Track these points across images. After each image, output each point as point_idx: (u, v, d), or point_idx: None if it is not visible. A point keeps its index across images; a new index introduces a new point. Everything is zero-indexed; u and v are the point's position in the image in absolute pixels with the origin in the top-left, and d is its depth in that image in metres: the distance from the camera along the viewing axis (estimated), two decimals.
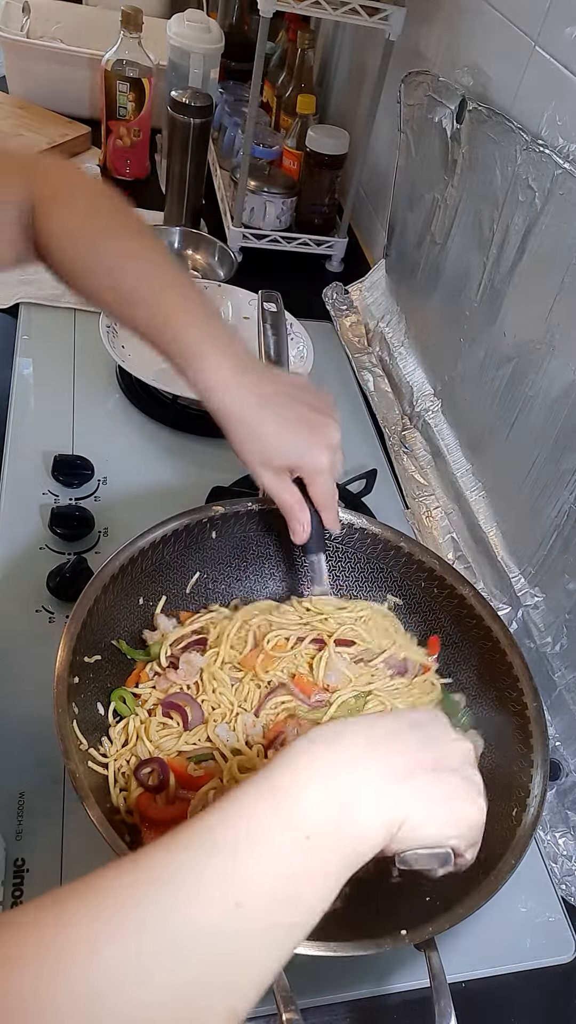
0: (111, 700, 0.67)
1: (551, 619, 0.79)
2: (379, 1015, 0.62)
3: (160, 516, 0.73)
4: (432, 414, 1.06)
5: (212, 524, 0.76)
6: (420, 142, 1.08)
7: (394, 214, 1.20)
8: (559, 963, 0.67)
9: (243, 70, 1.56)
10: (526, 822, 0.61)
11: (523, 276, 0.84)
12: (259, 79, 1.16)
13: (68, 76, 1.50)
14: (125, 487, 0.93)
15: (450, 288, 1.01)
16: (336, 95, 1.61)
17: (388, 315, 1.22)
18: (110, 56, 1.35)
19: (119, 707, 0.67)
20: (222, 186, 1.44)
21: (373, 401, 1.16)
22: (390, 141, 1.21)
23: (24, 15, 1.54)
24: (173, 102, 1.22)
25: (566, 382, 0.75)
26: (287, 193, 1.34)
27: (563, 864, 0.73)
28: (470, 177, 0.95)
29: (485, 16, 0.95)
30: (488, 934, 0.66)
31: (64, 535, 0.85)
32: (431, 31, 1.12)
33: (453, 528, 0.97)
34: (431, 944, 0.54)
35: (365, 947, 0.55)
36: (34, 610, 0.79)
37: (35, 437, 0.95)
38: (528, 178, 0.81)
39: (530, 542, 0.82)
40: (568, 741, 0.75)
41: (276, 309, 0.84)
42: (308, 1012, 0.59)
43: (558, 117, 0.79)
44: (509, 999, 0.65)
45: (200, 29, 1.36)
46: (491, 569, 0.89)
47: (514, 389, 0.85)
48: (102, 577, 0.67)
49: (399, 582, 0.79)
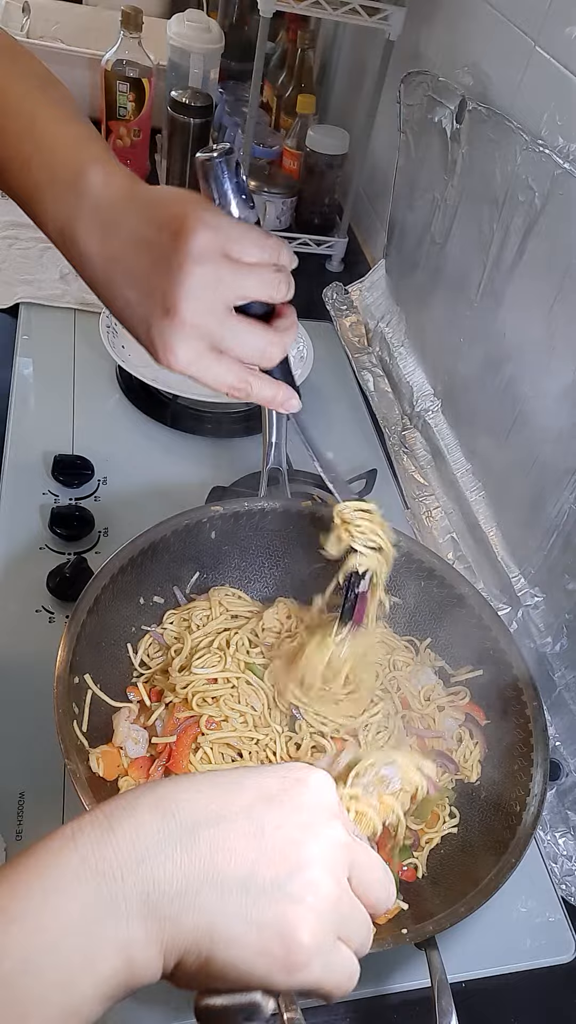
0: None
1: (551, 619, 0.79)
2: (379, 1015, 0.62)
3: (160, 516, 0.73)
4: (432, 414, 1.06)
5: (212, 524, 0.76)
6: (420, 142, 1.08)
7: (394, 214, 1.20)
8: (559, 963, 0.67)
9: (243, 70, 1.55)
10: (526, 822, 0.61)
11: (523, 276, 0.84)
12: (259, 79, 1.16)
13: (68, 76, 1.46)
14: (125, 487, 0.93)
15: (450, 288, 1.01)
16: (336, 95, 1.61)
17: (388, 315, 1.22)
18: (110, 56, 1.35)
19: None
20: None
21: (373, 401, 1.16)
22: (390, 141, 1.21)
23: (24, 15, 1.54)
24: (173, 102, 1.22)
25: (566, 382, 0.75)
26: (287, 193, 1.34)
27: (563, 864, 0.73)
28: (470, 177, 0.95)
29: (485, 16, 0.95)
30: (488, 934, 0.66)
31: (64, 535, 0.85)
32: (431, 31, 1.12)
33: (453, 528, 0.97)
34: (432, 943, 0.55)
35: None
36: (34, 610, 0.79)
37: (35, 437, 0.95)
38: (528, 178, 0.81)
39: (530, 542, 0.82)
40: (568, 741, 0.75)
41: None
42: (308, 1012, 0.59)
43: (558, 117, 0.79)
44: (509, 999, 0.65)
45: (200, 29, 1.36)
46: (491, 569, 0.89)
47: (514, 389, 0.85)
48: (102, 577, 0.67)
49: (399, 582, 0.79)
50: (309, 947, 0.36)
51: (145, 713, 0.68)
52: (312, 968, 0.36)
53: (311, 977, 0.36)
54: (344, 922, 0.38)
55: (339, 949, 0.38)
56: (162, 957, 0.35)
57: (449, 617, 0.76)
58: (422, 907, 0.61)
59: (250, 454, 0.94)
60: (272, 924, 0.36)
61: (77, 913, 0.34)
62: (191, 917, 0.35)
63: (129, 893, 0.34)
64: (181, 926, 0.35)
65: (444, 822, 0.68)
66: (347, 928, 0.39)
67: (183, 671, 0.69)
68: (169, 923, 0.35)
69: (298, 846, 0.37)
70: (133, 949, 0.34)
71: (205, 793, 0.38)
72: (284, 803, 0.39)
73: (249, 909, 0.36)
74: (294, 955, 0.36)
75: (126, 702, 0.68)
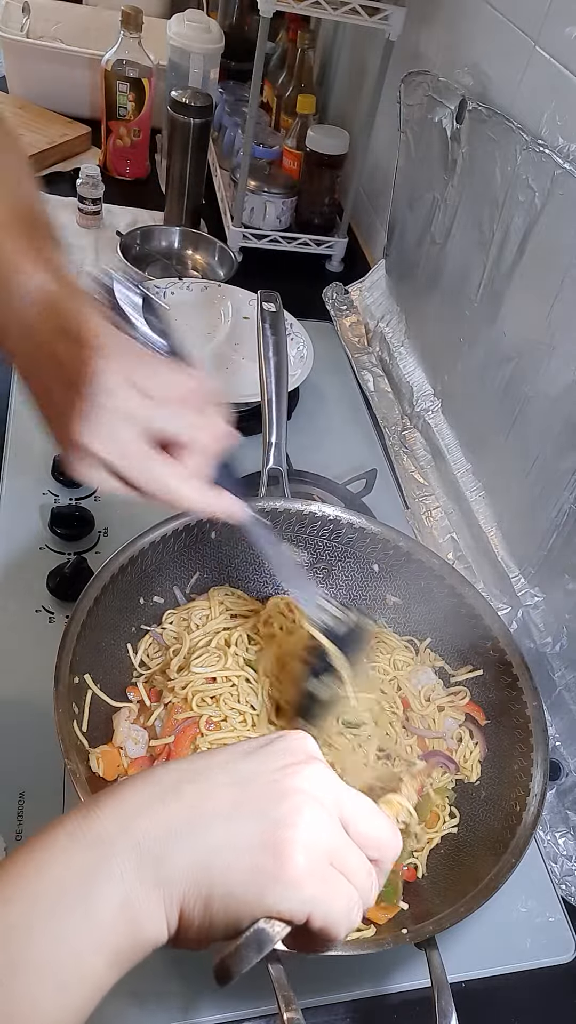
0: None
1: (551, 619, 0.79)
2: (379, 1015, 0.62)
3: (160, 516, 0.73)
4: (432, 414, 1.06)
5: (212, 524, 0.76)
6: (420, 142, 1.08)
7: (394, 214, 1.20)
8: (559, 963, 0.67)
9: (243, 70, 1.55)
10: (526, 822, 0.61)
11: (523, 276, 0.84)
12: (259, 79, 1.16)
13: (68, 76, 1.49)
14: None
15: (450, 288, 1.01)
16: (336, 95, 1.61)
17: (388, 315, 1.22)
18: (110, 56, 1.35)
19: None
20: (222, 186, 1.44)
21: (373, 401, 1.16)
22: (390, 141, 1.21)
23: (24, 15, 1.54)
24: (173, 102, 1.22)
25: (566, 382, 0.75)
26: (287, 193, 1.34)
27: (563, 864, 0.73)
28: (470, 177, 0.95)
29: (485, 16, 0.95)
30: (488, 934, 0.66)
31: (64, 535, 0.85)
32: (431, 31, 1.12)
33: (453, 528, 0.97)
34: (432, 943, 0.54)
35: (365, 947, 0.55)
36: (34, 610, 0.79)
37: (35, 437, 0.95)
38: (528, 178, 0.81)
39: (530, 542, 0.82)
40: (568, 741, 0.75)
41: (275, 309, 0.84)
42: (308, 1012, 0.59)
43: (558, 117, 0.79)
44: (509, 999, 0.65)
45: (200, 29, 1.36)
46: (491, 569, 0.89)
47: (514, 389, 0.85)
48: (102, 577, 0.67)
49: (399, 582, 0.79)
50: (300, 863, 0.37)
51: (145, 713, 0.68)
52: (306, 886, 0.37)
53: (306, 894, 0.37)
54: (338, 852, 0.39)
55: (335, 877, 0.38)
56: (163, 908, 0.36)
57: (449, 617, 0.76)
58: (422, 907, 0.61)
59: (250, 454, 0.94)
60: (262, 845, 0.37)
61: (70, 879, 0.35)
62: (183, 858, 0.36)
63: (120, 851, 0.36)
64: (175, 869, 0.36)
65: (444, 822, 0.68)
66: (341, 859, 0.39)
67: (182, 671, 0.69)
68: (164, 870, 0.36)
69: (279, 783, 0.39)
70: (133, 905, 0.35)
71: (184, 762, 0.40)
72: (262, 754, 0.40)
73: (238, 837, 0.37)
74: (286, 869, 0.36)
75: (126, 702, 0.68)
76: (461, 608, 0.75)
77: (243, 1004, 0.59)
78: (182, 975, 0.60)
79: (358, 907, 0.39)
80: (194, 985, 0.59)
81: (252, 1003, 0.59)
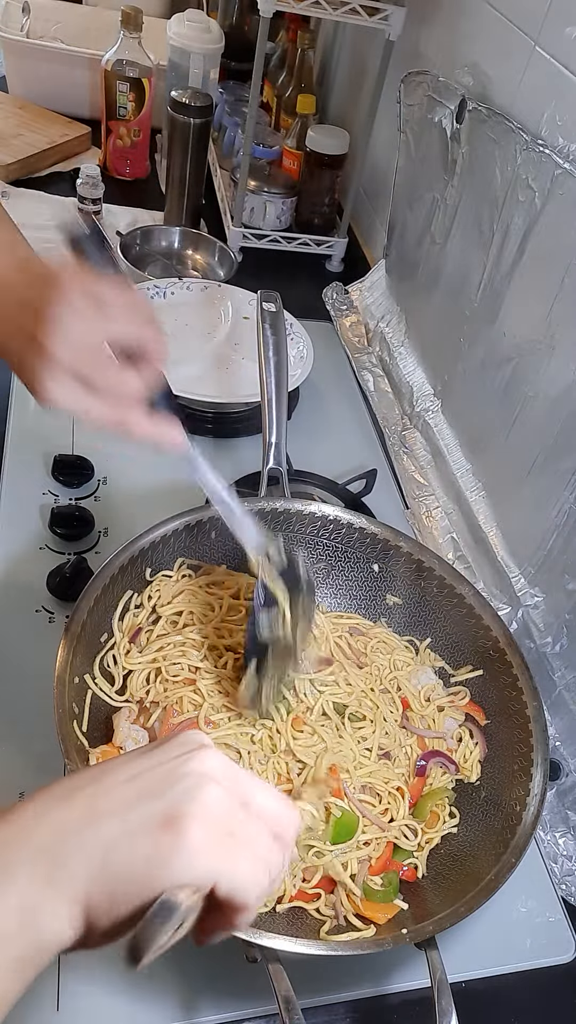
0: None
1: (551, 619, 0.79)
2: (379, 1015, 0.62)
3: (160, 516, 0.73)
4: (432, 414, 1.06)
5: (212, 524, 0.76)
6: (420, 142, 1.08)
7: (394, 214, 1.20)
8: (559, 963, 0.67)
9: (243, 70, 1.56)
10: (526, 822, 0.61)
11: (523, 276, 0.84)
12: (259, 79, 1.16)
13: (68, 76, 1.50)
14: (125, 487, 0.93)
15: (450, 288, 1.01)
16: (336, 95, 1.61)
17: (388, 315, 1.22)
18: (110, 56, 1.35)
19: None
20: (222, 186, 1.44)
21: (373, 401, 1.16)
22: (390, 141, 1.21)
23: (24, 15, 1.54)
24: (173, 102, 1.22)
25: (566, 382, 0.75)
26: (287, 193, 1.34)
27: (563, 864, 0.73)
28: (470, 177, 0.95)
29: (485, 16, 0.95)
30: (488, 934, 0.66)
31: (64, 535, 0.85)
32: (431, 31, 1.12)
33: (453, 528, 0.97)
34: (432, 943, 0.55)
35: (365, 947, 0.55)
36: (34, 610, 0.79)
37: (35, 437, 0.95)
38: (528, 178, 0.81)
39: (530, 542, 0.82)
40: (568, 741, 0.75)
41: (275, 309, 0.84)
42: (308, 1012, 0.59)
43: (558, 117, 0.79)
44: (509, 999, 0.65)
45: (200, 29, 1.36)
46: (491, 569, 0.89)
47: (514, 389, 0.85)
48: (102, 577, 0.67)
49: (399, 582, 0.79)
50: (198, 834, 0.37)
51: (145, 713, 0.68)
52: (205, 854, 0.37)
53: (207, 862, 0.37)
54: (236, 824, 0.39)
55: (236, 844, 0.39)
56: (64, 909, 0.36)
57: (449, 617, 0.76)
58: (422, 907, 0.62)
59: (250, 454, 0.94)
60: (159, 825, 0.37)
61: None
62: (78, 857, 0.36)
63: (14, 860, 0.36)
64: (71, 869, 0.36)
65: (444, 822, 0.68)
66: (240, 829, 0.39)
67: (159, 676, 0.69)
68: (59, 871, 0.36)
69: (174, 770, 0.40)
70: (30, 909, 0.35)
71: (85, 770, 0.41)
72: (158, 751, 0.41)
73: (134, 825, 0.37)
74: (185, 840, 0.37)
75: (126, 702, 0.68)
76: (461, 608, 0.75)
77: (243, 1004, 0.59)
78: (182, 975, 0.60)
79: (265, 874, 0.40)
80: (194, 985, 0.59)
81: (252, 1003, 0.59)
